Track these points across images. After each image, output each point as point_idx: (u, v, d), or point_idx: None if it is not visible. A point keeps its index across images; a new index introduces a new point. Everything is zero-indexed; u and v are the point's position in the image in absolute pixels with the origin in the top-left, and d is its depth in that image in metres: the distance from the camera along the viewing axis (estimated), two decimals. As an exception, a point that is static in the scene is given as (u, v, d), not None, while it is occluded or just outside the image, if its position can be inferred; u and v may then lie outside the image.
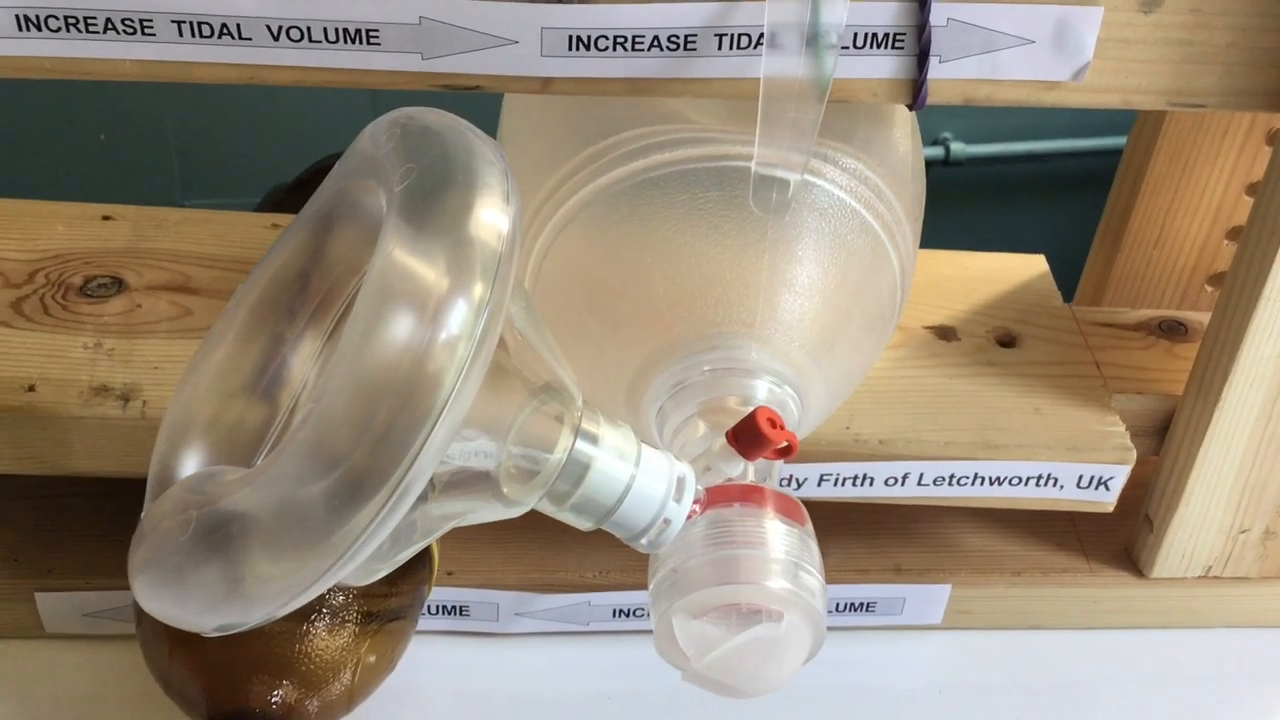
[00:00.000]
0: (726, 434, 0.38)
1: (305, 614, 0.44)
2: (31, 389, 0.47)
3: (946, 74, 0.42)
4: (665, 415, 0.41)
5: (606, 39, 0.40)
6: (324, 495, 0.31)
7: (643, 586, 0.52)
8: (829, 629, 0.54)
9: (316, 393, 0.35)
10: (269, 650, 0.43)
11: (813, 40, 0.39)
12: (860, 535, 0.55)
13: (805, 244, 0.42)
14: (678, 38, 0.41)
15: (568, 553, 0.53)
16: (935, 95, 0.42)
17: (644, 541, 0.37)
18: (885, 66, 0.42)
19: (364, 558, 0.32)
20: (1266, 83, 0.43)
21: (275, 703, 0.42)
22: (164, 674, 0.45)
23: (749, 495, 0.38)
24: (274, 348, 0.40)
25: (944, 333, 0.54)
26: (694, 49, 0.41)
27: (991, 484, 0.50)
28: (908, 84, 0.42)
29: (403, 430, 0.30)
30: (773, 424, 0.37)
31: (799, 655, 0.38)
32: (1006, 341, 0.55)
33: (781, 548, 0.37)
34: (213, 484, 0.35)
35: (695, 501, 0.37)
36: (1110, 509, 0.52)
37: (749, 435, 0.37)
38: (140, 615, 0.46)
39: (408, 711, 0.51)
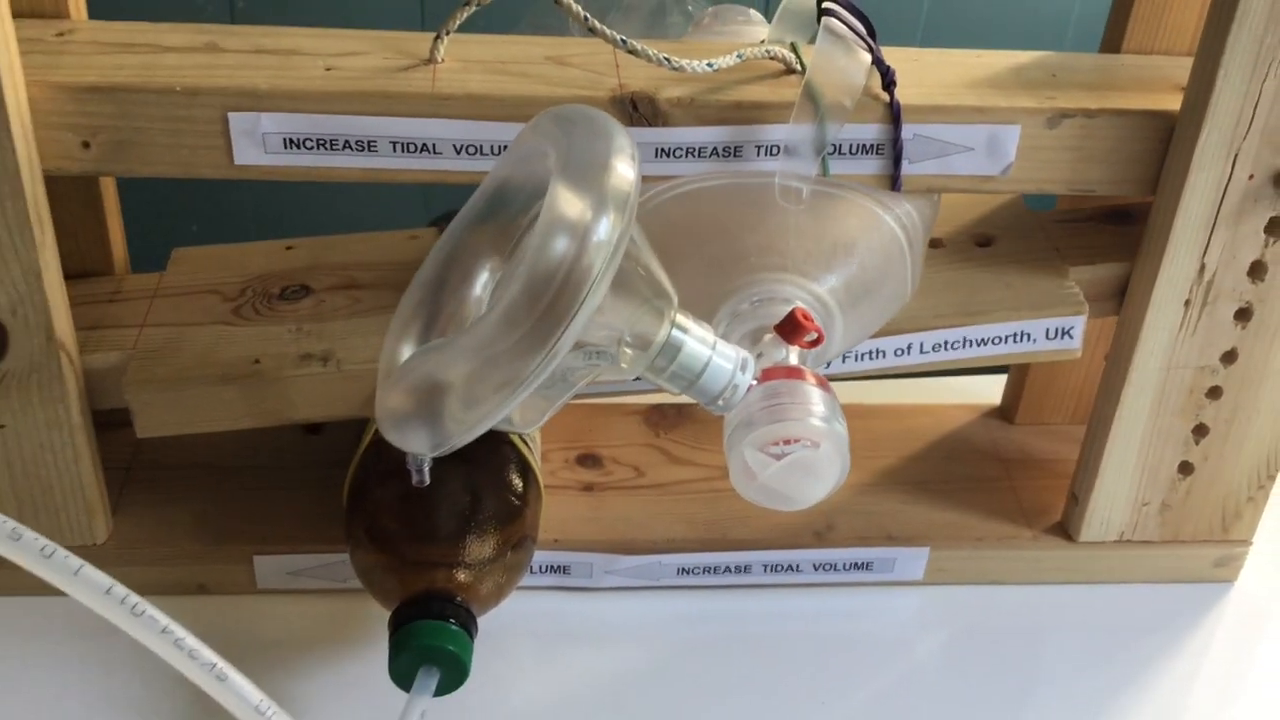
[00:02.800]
0: (774, 326, 0.53)
1: (465, 528, 0.60)
2: (257, 362, 0.63)
3: (914, 171, 0.60)
4: (727, 335, 0.56)
5: (681, 150, 0.59)
6: (512, 345, 0.45)
7: (698, 550, 0.69)
8: (838, 584, 0.71)
9: (507, 281, 0.49)
10: (445, 549, 0.59)
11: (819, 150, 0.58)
12: (861, 511, 0.71)
13: (866, 246, 0.58)
14: (729, 148, 0.59)
15: (644, 525, 0.70)
16: (907, 186, 0.60)
17: (719, 403, 0.52)
18: (873, 166, 0.60)
19: (528, 393, 0.46)
20: (1139, 174, 0.62)
21: (455, 580, 0.58)
22: (368, 573, 0.61)
23: (793, 372, 0.53)
24: (464, 277, 0.55)
25: (932, 243, 0.67)
26: (740, 156, 0.59)
27: (978, 345, 0.64)
28: (888, 178, 0.60)
29: (565, 301, 0.44)
30: (806, 318, 0.53)
31: (831, 477, 0.53)
32: (983, 242, 0.68)
33: (818, 402, 0.52)
34: (417, 358, 0.50)
35: (754, 377, 0.52)
36: (1077, 355, 0.65)
37: (789, 326, 0.53)
38: (350, 535, 0.61)
39: (526, 644, 0.67)
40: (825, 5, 0.59)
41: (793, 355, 0.54)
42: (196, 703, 0.63)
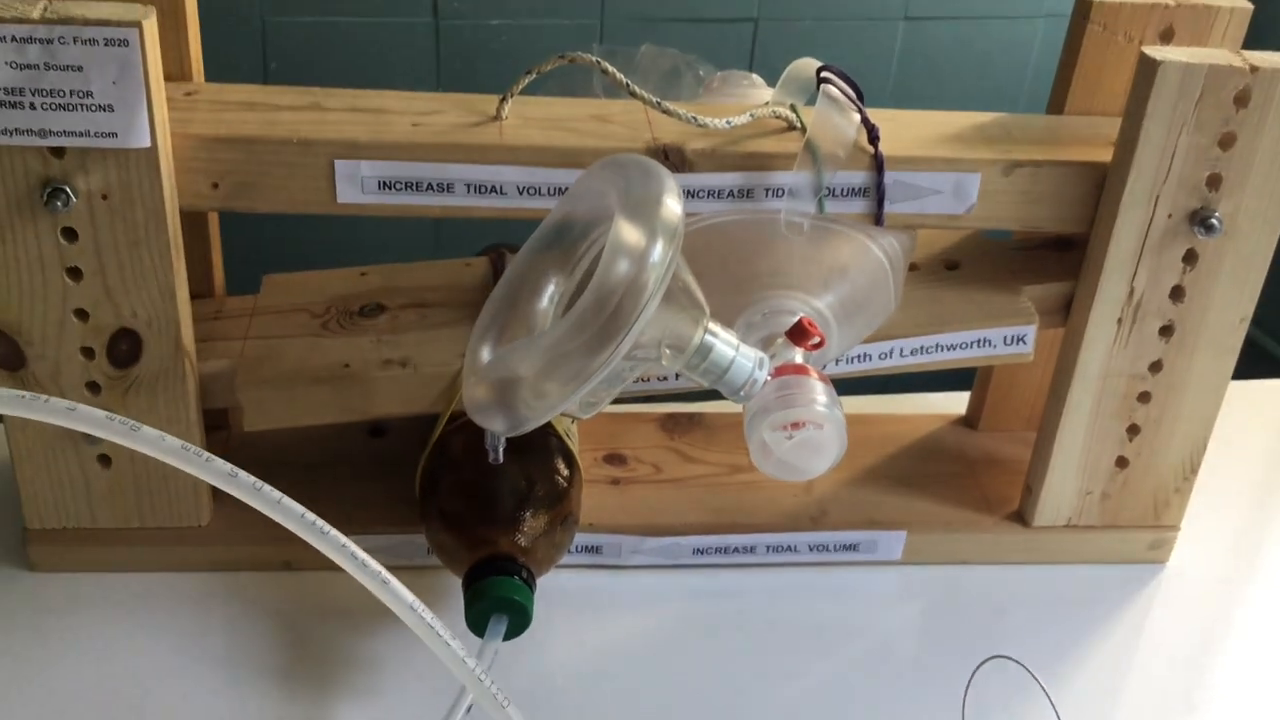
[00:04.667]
0: (785, 332, 0.65)
1: (522, 505, 0.70)
2: (347, 366, 0.73)
3: (894, 210, 0.72)
4: (745, 340, 0.65)
5: (704, 191, 0.71)
6: (579, 346, 0.55)
7: (712, 533, 0.80)
8: (829, 563, 0.82)
9: (571, 295, 0.60)
10: (506, 525, 0.70)
11: (817, 192, 0.70)
12: (849, 501, 0.83)
13: (857, 269, 0.70)
14: (743, 190, 0.71)
15: (665, 512, 0.81)
16: (888, 222, 0.72)
17: (741, 394, 0.62)
18: (859, 206, 0.72)
19: (591, 387, 0.56)
20: (1078, 214, 0.74)
21: (516, 546, 0.69)
22: (440, 543, 0.71)
23: (800, 369, 0.64)
24: (532, 293, 0.66)
25: (910, 266, 0.76)
26: (751, 197, 0.72)
27: (948, 350, 0.75)
28: (873, 215, 0.72)
29: (627, 311, 0.54)
30: (811, 325, 0.64)
31: (832, 453, 0.64)
32: (951, 266, 0.80)
33: (821, 392, 0.63)
34: (498, 357, 0.61)
35: (769, 373, 0.63)
36: (1030, 359, 0.76)
37: (798, 331, 0.64)
38: (424, 516, 0.72)
39: (564, 614, 0.77)
40: (823, 74, 0.72)
41: (799, 356, 0.66)
42: (279, 653, 0.73)
